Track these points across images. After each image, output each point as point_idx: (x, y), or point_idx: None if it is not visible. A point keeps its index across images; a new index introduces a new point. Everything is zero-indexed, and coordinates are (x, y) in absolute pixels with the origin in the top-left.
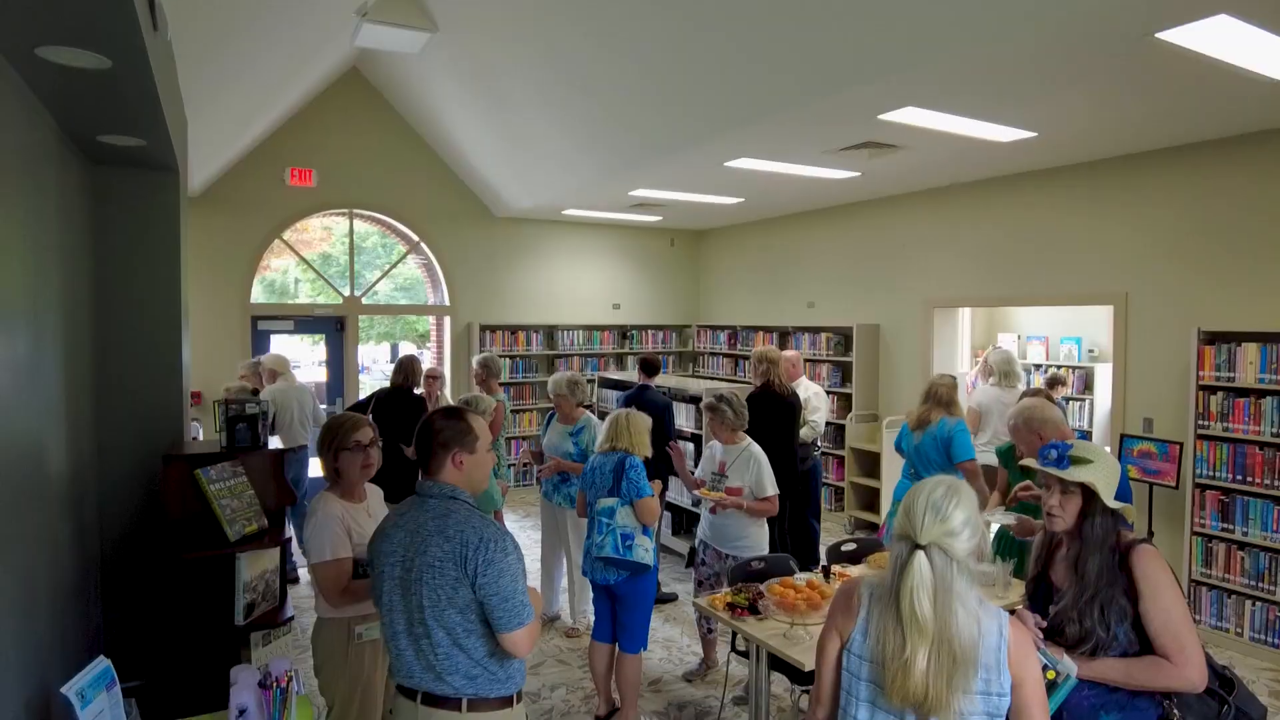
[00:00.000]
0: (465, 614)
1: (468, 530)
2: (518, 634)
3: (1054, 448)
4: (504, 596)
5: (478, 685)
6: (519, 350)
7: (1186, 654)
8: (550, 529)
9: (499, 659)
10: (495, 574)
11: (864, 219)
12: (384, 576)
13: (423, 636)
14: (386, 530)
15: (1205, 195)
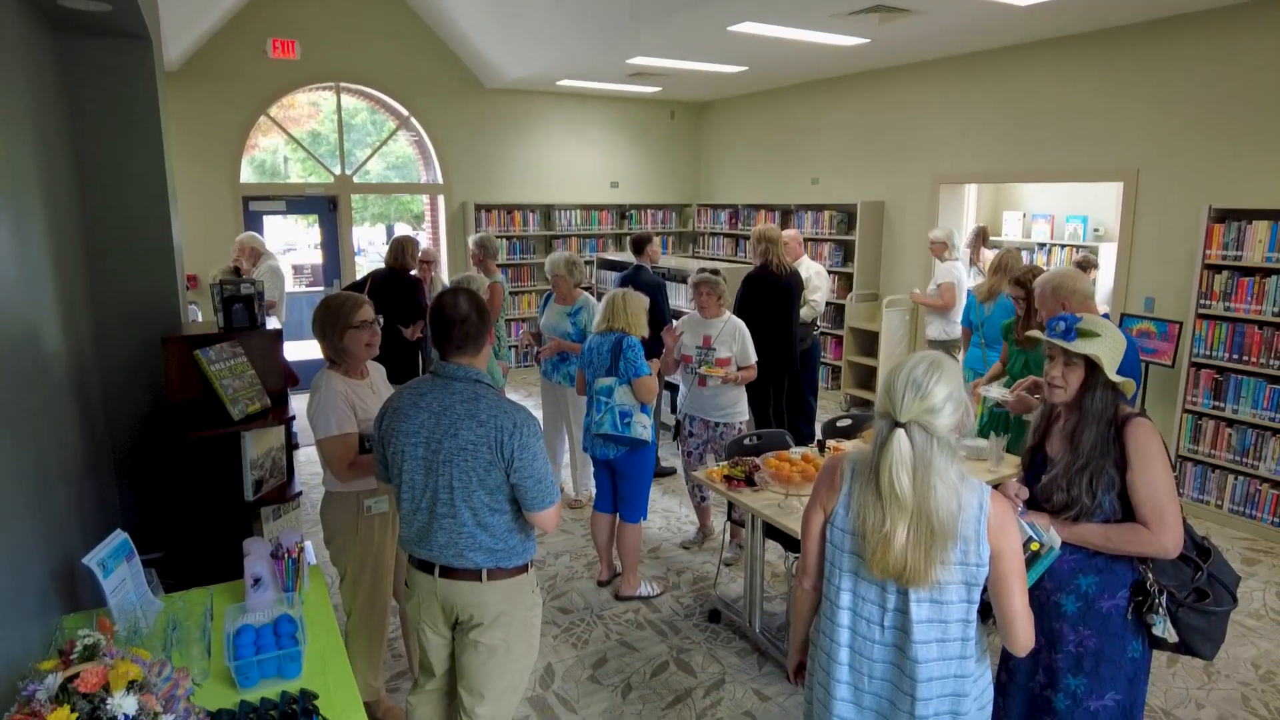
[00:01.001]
0: (494, 495)
1: (501, 415)
2: (547, 512)
3: (1062, 320)
4: (538, 478)
5: (496, 559)
6: (516, 231)
7: (1165, 523)
8: (551, 407)
9: (518, 533)
10: (530, 457)
11: (872, 90)
12: (405, 456)
13: (446, 515)
14: (405, 410)
15: (1226, 64)
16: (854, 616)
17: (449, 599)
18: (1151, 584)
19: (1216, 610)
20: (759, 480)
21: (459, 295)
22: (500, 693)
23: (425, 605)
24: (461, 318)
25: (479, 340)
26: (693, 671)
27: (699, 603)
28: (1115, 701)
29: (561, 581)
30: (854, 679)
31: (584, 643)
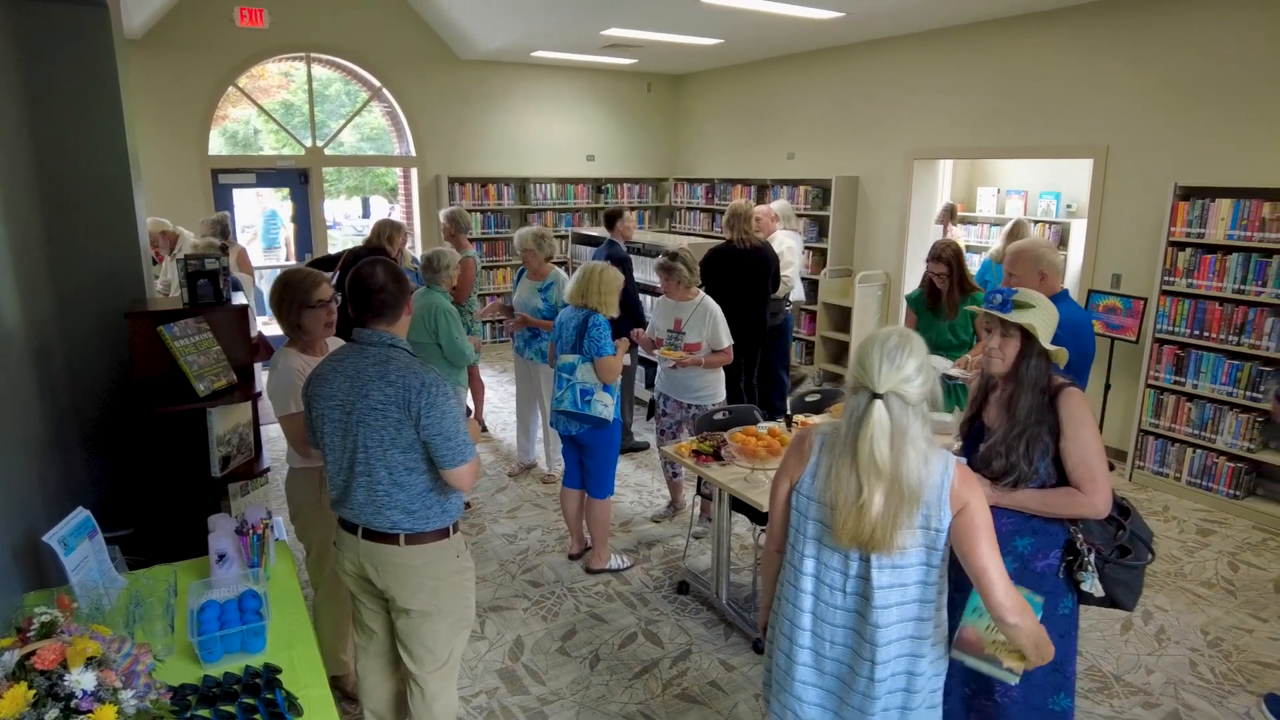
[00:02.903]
0: (408, 453)
1: (409, 375)
2: (461, 469)
3: (999, 292)
4: (447, 436)
5: (415, 519)
6: (490, 204)
7: (1097, 484)
8: (524, 383)
9: (436, 493)
10: (438, 415)
11: (847, 64)
12: (324, 419)
13: (363, 474)
14: (324, 375)
15: (1194, 45)
16: (817, 583)
17: (371, 562)
18: (1081, 543)
19: (1137, 564)
20: (726, 455)
21: (376, 265)
22: (441, 658)
23: (352, 564)
24: (379, 286)
25: (396, 309)
26: (660, 642)
27: (668, 575)
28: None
29: (533, 555)
30: (816, 644)
31: (554, 615)
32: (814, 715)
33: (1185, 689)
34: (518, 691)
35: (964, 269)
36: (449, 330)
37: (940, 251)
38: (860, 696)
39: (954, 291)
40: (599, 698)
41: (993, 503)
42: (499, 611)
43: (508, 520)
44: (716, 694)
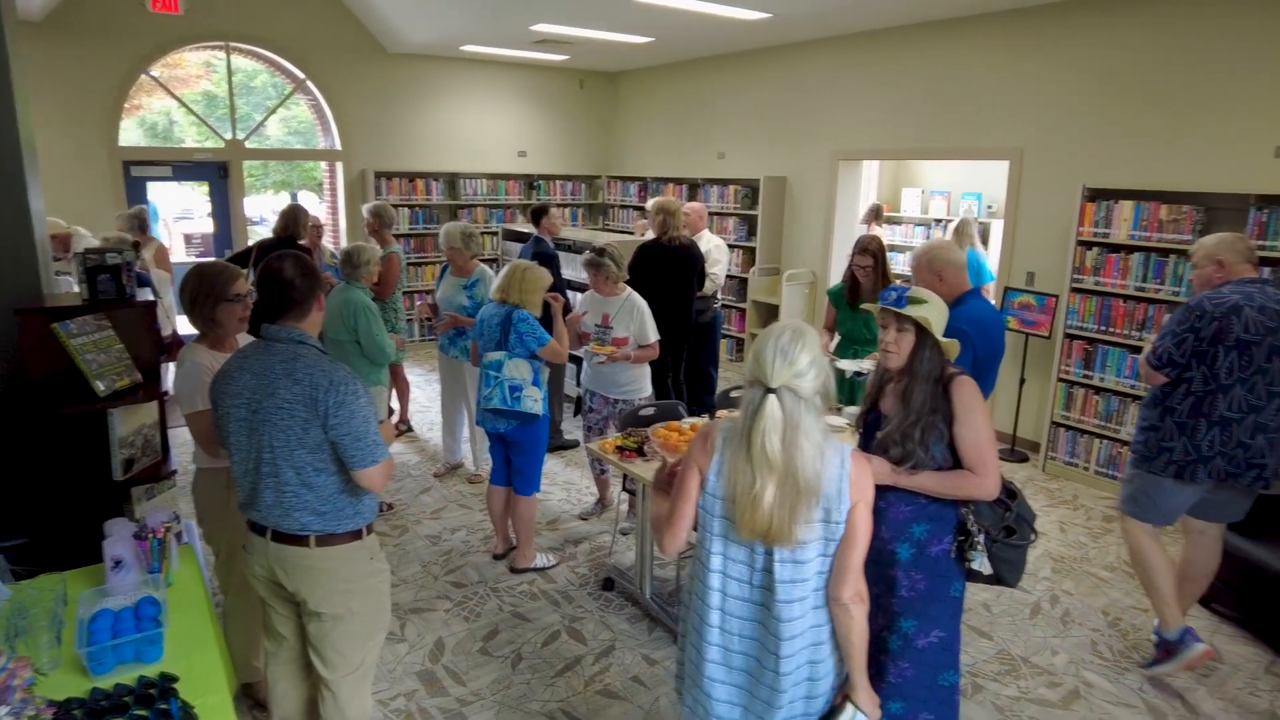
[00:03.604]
0: (315, 453)
1: (317, 373)
2: (371, 470)
3: (894, 290)
4: (356, 436)
5: (325, 521)
6: (418, 199)
7: (988, 467)
8: (449, 381)
9: (348, 495)
10: (347, 415)
11: (776, 65)
12: (230, 418)
13: (270, 475)
14: (230, 372)
15: (1102, 52)
16: (724, 578)
17: (281, 565)
18: (972, 524)
19: (1022, 544)
20: (649, 451)
21: (286, 259)
22: (355, 662)
23: (262, 567)
24: (288, 281)
25: (306, 304)
26: (584, 639)
27: (594, 572)
28: (939, 638)
29: (457, 556)
30: (724, 639)
31: (476, 616)
32: (724, 709)
33: (1086, 667)
34: (437, 693)
35: (887, 264)
36: (368, 327)
37: (867, 244)
38: (767, 689)
39: (877, 285)
40: (520, 697)
41: (896, 484)
42: (420, 613)
43: (432, 521)
44: (638, 689)
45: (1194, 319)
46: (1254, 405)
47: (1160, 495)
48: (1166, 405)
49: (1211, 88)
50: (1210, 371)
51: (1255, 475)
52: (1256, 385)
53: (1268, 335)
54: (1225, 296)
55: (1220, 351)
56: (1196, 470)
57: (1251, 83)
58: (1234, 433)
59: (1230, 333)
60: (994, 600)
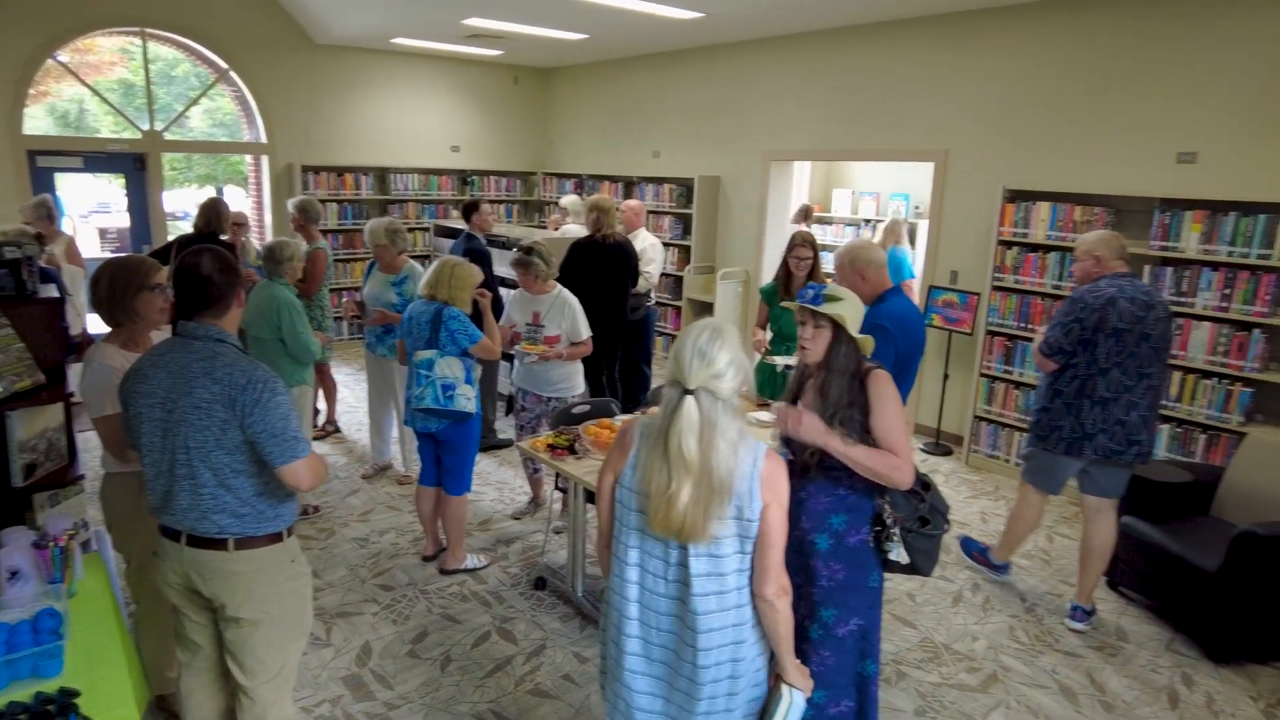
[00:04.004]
0: (234, 454)
1: (235, 372)
2: (295, 466)
3: (811, 288)
4: (273, 432)
5: (245, 524)
6: (348, 194)
7: (903, 456)
8: (377, 381)
9: (268, 498)
10: (263, 412)
11: (709, 65)
12: (142, 418)
13: (186, 477)
14: (143, 372)
15: (1023, 58)
16: (642, 573)
17: (197, 570)
18: (888, 515)
19: (936, 534)
20: (580, 449)
21: (202, 254)
22: (275, 668)
23: (175, 574)
24: (205, 277)
25: (225, 301)
26: (514, 640)
27: (526, 572)
28: (858, 626)
29: (385, 559)
30: (643, 633)
31: (405, 618)
32: (644, 702)
33: (1004, 652)
34: (364, 698)
35: (819, 260)
36: (292, 324)
37: (807, 237)
38: (687, 682)
39: (811, 278)
40: (449, 699)
41: (827, 446)
42: (346, 617)
43: (359, 524)
44: (569, 687)
45: (1078, 310)
46: (1126, 386)
47: (1055, 468)
48: (1056, 388)
49: (1120, 96)
50: (1092, 357)
51: (1136, 452)
52: (1128, 368)
53: (1136, 323)
54: (1102, 290)
55: (1100, 339)
56: (1084, 446)
57: (1156, 92)
58: (1112, 411)
59: (1108, 322)
60: (918, 590)
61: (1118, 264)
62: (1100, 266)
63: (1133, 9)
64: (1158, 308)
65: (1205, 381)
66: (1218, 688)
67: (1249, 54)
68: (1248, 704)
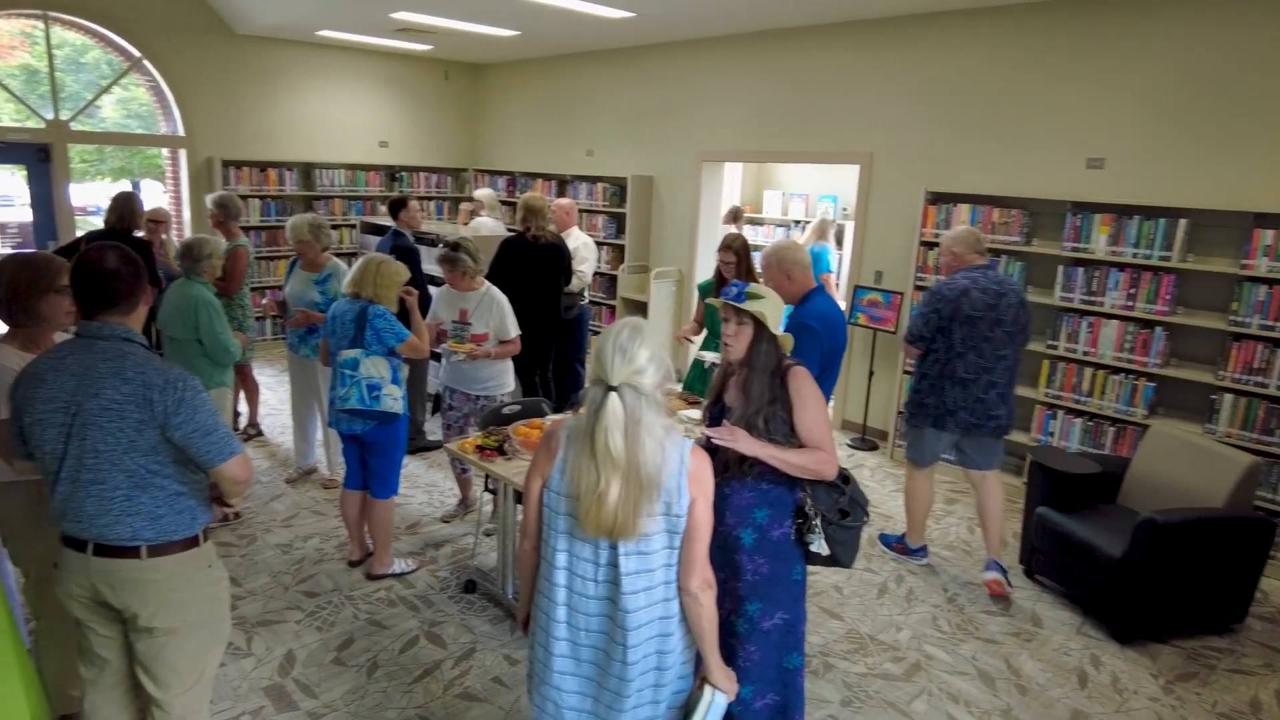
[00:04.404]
0: (151, 456)
1: (150, 372)
2: (231, 464)
3: (735, 286)
4: (206, 431)
5: (160, 528)
6: (271, 190)
7: (828, 450)
8: (300, 382)
9: (184, 500)
10: (190, 411)
11: (642, 65)
12: (43, 424)
13: (94, 482)
14: (40, 375)
15: (944, 63)
16: (570, 575)
17: (106, 580)
18: (809, 508)
19: (855, 525)
20: (509, 449)
21: (105, 250)
22: (191, 679)
23: (80, 586)
24: (109, 273)
25: (131, 298)
26: (443, 644)
27: (456, 575)
28: (784, 620)
29: (310, 565)
30: (571, 634)
31: (330, 625)
32: (573, 703)
33: (927, 641)
34: (286, 708)
35: (750, 260)
36: (211, 324)
37: (730, 242)
38: (616, 680)
39: (742, 280)
40: (375, 706)
41: (761, 454)
42: (268, 626)
43: (283, 529)
44: (499, 690)
45: (935, 302)
46: (984, 367)
47: (925, 442)
48: (922, 371)
49: (1036, 104)
50: (949, 342)
51: (994, 425)
52: (984, 351)
53: (989, 311)
54: (957, 282)
55: (955, 326)
56: (947, 421)
57: (1068, 101)
58: (972, 390)
59: (961, 311)
60: (844, 582)
61: (974, 257)
62: (958, 261)
63: (1048, 21)
64: (1009, 295)
65: (1113, 377)
66: (1122, 667)
67: (1153, 67)
68: (1149, 681)
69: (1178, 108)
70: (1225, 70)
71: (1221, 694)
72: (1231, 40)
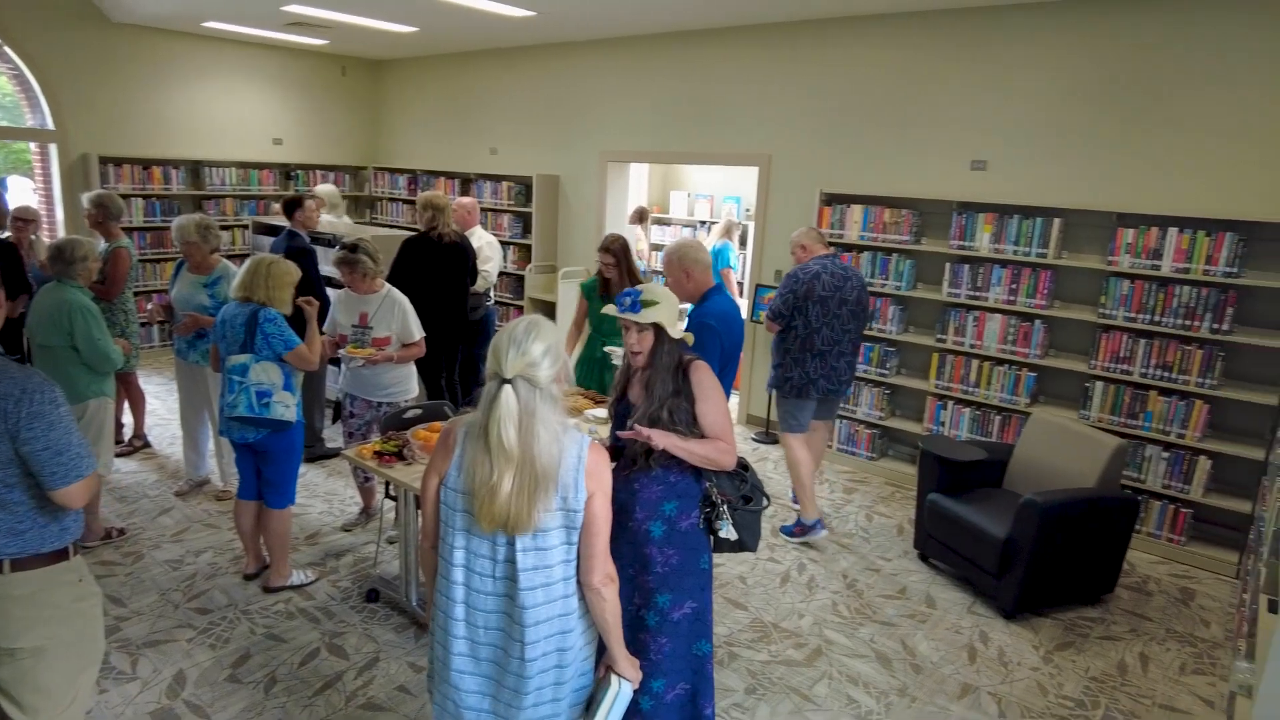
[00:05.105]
0: (6, 469)
1: (4, 381)
2: (69, 490)
3: (628, 295)
4: (57, 450)
5: (24, 542)
6: (156, 189)
7: (729, 441)
8: (189, 390)
9: (44, 513)
10: (44, 427)
11: (546, 64)
12: None
13: None
14: None
15: (839, 69)
16: (468, 573)
17: None
18: (716, 496)
19: (759, 509)
20: (409, 454)
21: None
22: (63, 701)
23: None
24: None
25: None
26: (345, 654)
27: (358, 585)
28: (693, 609)
29: (202, 580)
30: (470, 632)
31: (224, 642)
32: (473, 701)
33: (827, 626)
34: None
35: (630, 261)
36: (88, 330)
37: (609, 244)
38: (514, 677)
39: (623, 280)
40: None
41: (672, 447)
42: (156, 646)
43: (173, 544)
44: (404, 698)
45: (792, 285)
46: (835, 340)
47: (795, 411)
48: (785, 347)
49: (925, 108)
50: (806, 320)
51: (845, 389)
52: (835, 326)
53: (836, 292)
54: (810, 268)
55: (810, 305)
56: (809, 389)
57: (954, 105)
58: (827, 360)
59: (815, 292)
60: (749, 572)
61: (820, 248)
62: (807, 252)
63: (936, 30)
64: (852, 279)
65: (998, 368)
66: (1008, 641)
67: (1032, 75)
68: (1031, 652)
69: (1053, 114)
70: (1094, 80)
71: (1093, 660)
72: (1100, 52)
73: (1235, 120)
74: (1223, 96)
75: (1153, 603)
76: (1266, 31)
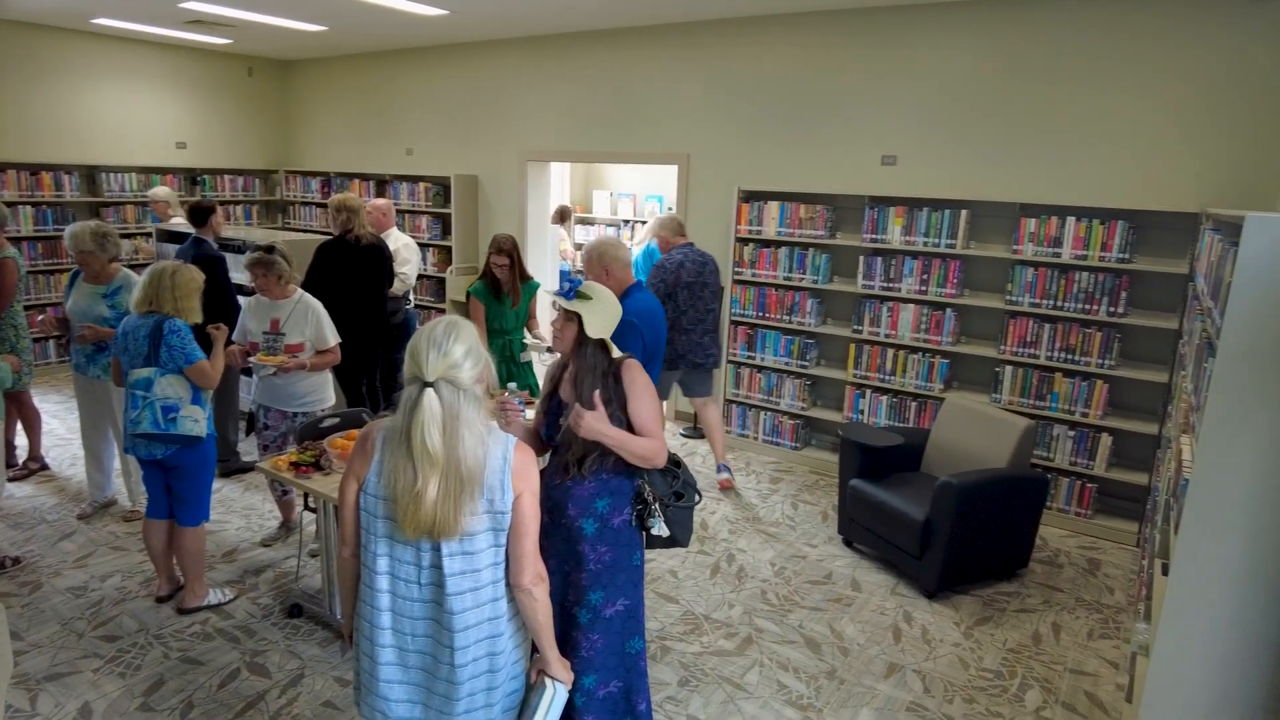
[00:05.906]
0: None
1: None
2: None
3: (567, 281)
4: None
5: None
6: (46, 195)
7: (660, 439)
8: (90, 406)
9: None
10: None
11: (462, 63)
12: None
13: None
14: None
15: (751, 68)
16: (392, 580)
17: None
18: (647, 492)
19: (690, 505)
20: (325, 463)
21: None
22: None
23: None
24: None
25: None
26: (268, 673)
27: (279, 601)
28: (625, 606)
29: (109, 606)
30: (398, 640)
31: (135, 669)
32: (402, 711)
33: (757, 615)
34: None
35: (521, 261)
36: None
37: (502, 244)
38: (445, 684)
39: (514, 279)
40: None
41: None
42: (58, 680)
43: (76, 570)
44: (331, 713)
45: (662, 273)
46: (699, 319)
47: (662, 381)
48: None
49: (836, 105)
50: (675, 303)
51: (710, 361)
52: (699, 307)
53: (698, 276)
54: (674, 257)
55: (679, 291)
56: (679, 362)
57: (864, 102)
58: (693, 337)
59: (681, 278)
60: (679, 566)
61: (679, 239)
62: (667, 243)
63: (845, 29)
64: (710, 264)
65: (913, 356)
66: (931, 619)
67: (937, 72)
68: (953, 629)
69: (957, 111)
70: (994, 79)
71: (1010, 632)
72: (998, 52)
73: (1115, 120)
74: (1100, 98)
75: (1063, 574)
76: (1133, 39)
